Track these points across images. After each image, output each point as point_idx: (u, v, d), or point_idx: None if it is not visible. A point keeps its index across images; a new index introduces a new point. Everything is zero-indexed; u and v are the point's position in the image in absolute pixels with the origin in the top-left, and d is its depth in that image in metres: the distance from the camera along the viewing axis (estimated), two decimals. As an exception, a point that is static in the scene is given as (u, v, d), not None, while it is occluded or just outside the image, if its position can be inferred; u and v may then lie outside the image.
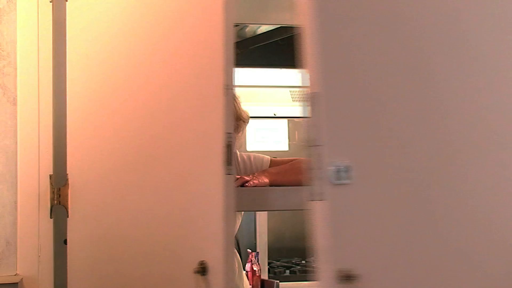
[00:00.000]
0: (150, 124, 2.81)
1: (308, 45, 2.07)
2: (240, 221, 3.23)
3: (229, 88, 2.29)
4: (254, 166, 3.10)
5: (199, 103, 2.53)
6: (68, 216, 3.23)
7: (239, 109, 3.06)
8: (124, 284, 2.88)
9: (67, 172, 3.23)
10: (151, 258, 2.78)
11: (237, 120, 3.03)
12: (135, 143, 2.85)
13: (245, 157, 3.12)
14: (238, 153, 3.11)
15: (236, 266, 3.25)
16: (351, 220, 2.06)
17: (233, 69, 2.32)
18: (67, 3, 3.25)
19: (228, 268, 2.32)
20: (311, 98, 2.02)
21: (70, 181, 3.23)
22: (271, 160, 3.12)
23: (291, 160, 3.13)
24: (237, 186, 2.72)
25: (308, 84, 2.05)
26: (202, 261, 2.39)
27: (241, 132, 3.07)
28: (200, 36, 2.53)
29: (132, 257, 2.88)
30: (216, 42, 2.40)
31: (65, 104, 3.25)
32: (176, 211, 2.66)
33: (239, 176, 2.80)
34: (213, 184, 2.40)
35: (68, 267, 3.21)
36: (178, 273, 2.52)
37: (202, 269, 2.38)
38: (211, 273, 2.37)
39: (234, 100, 3.04)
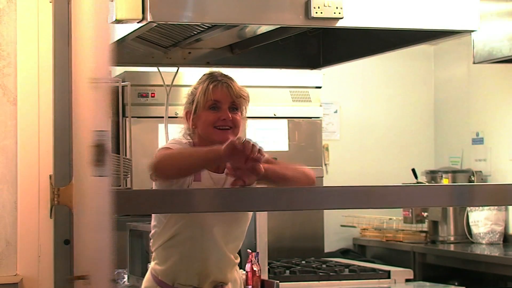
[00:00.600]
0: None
1: None
2: (249, 222, 3.22)
3: (98, 82, 2.16)
4: None
5: (77, 100, 2.46)
6: (72, 216, 3.22)
7: (238, 88, 3.08)
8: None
9: (73, 172, 3.23)
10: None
11: (238, 98, 3.05)
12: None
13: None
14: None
15: (236, 273, 3.24)
16: None
17: (108, 63, 2.18)
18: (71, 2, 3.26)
19: (104, 282, 2.13)
20: None
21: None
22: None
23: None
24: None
25: None
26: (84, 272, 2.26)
27: (245, 112, 3.09)
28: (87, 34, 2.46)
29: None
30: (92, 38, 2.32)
31: (69, 104, 3.25)
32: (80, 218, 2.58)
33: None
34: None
35: (74, 267, 3.21)
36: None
37: (78, 278, 2.26)
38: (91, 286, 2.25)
39: (231, 81, 3.08)
